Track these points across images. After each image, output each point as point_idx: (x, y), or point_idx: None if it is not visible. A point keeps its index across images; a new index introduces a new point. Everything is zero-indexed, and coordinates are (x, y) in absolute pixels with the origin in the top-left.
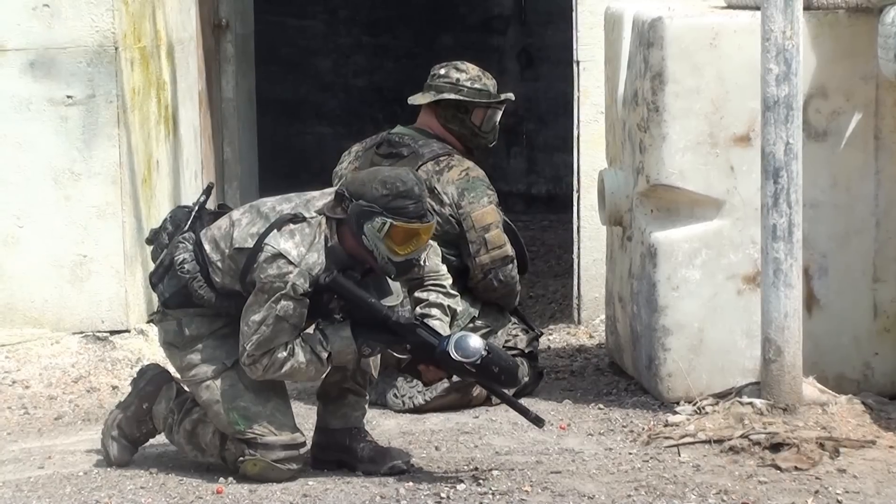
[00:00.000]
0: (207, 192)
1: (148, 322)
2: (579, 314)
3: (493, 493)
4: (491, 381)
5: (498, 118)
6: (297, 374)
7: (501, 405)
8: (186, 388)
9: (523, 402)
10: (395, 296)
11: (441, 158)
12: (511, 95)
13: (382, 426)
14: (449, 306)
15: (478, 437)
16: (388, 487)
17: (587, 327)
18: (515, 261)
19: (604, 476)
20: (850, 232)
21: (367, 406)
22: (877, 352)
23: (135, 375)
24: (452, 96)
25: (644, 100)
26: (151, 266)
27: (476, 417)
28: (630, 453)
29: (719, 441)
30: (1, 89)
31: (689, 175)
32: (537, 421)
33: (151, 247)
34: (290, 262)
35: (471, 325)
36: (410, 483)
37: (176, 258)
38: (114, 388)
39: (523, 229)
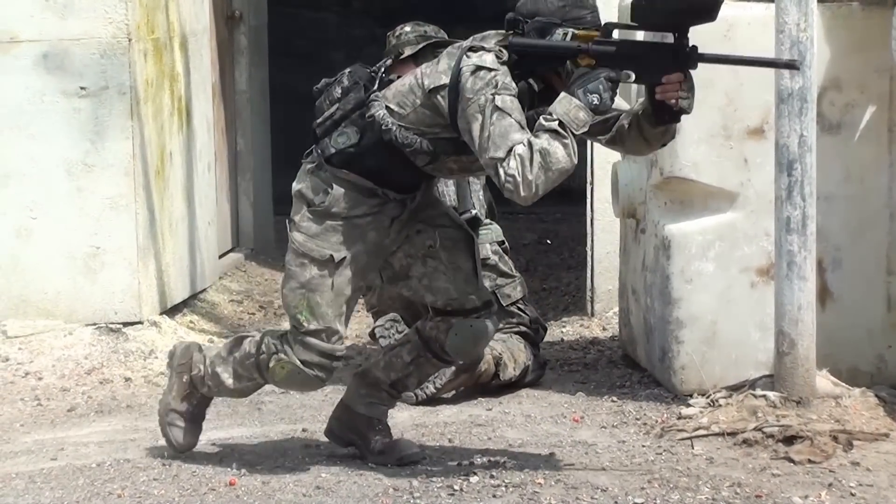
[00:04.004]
0: (394, 57)
1: (161, 314)
2: (593, 306)
3: (506, 486)
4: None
5: None
6: (554, 163)
7: (513, 397)
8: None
9: (532, 394)
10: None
11: None
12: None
13: (395, 418)
14: None
15: (491, 429)
16: (402, 480)
17: (600, 320)
18: None
19: (617, 468)
20: (863, 224)
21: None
22: (890, 344)
23: (167, 359)
24: (435, 41)
25: None
26: (164, 258)
27: (489, 410)
28: (643, 446)
29: (732, 434)
30: (14, 81)
31: (702, 167)
32: (790, 65)
33: (318, 98)
34: (492, 69)
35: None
36: (423, 475)
37: (375, 113)
38: (126, 379)
39: (537, 221)
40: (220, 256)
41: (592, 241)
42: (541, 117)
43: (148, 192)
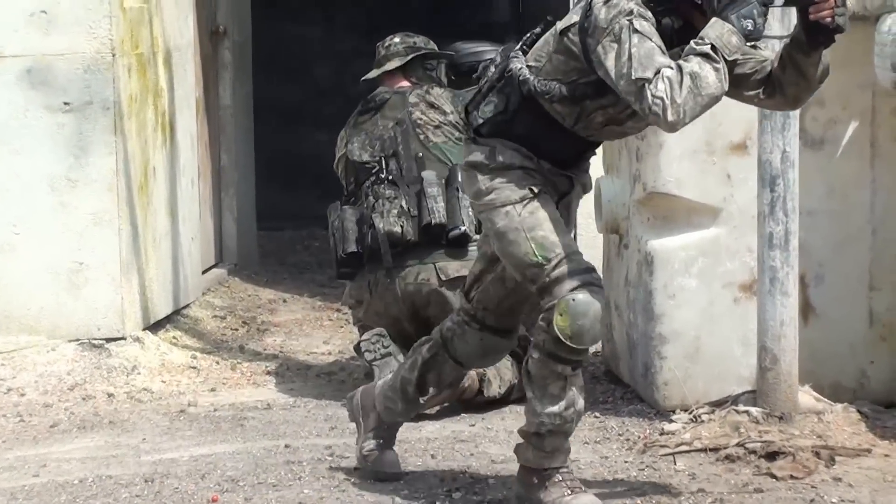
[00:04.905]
0: (545, 26)
1: (144, 330)
2: None
3: (488, 502)
4: None
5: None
6: (705, 87)
7: (496, 413)
8: (478, 216)
9: (515, 410)
10: None
11: (421, 85)
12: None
13: None
14: None
15: (473, 445)
16: (385, 496)
17: None
18: None
19: (600, 484)
20: (846, 240)
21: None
22: (872, 360)
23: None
24: (424, 52)
25: None
26: (148, 273)
27: (472, 426)
28: (626, 462)
29: (715, 449)
30: None
31: (685, 183)
32: None
33: (478, 83)
34: None
35: None
36: (406, 491)
37: (513, 66)
38: (109, 395)
39: None
40: (204, 272)
41: None
42: (691, 42)
43: (131, 207)
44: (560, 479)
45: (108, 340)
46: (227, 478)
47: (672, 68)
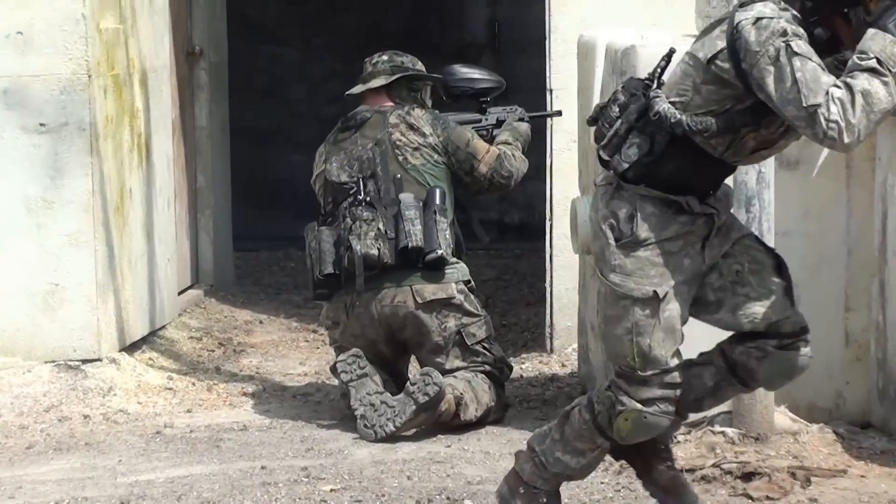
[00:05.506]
0: (668, 57)
1: (120, 351)
2: (552, 343)
3: None
4: None
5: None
6: (877, 103)
7: (472, 434)
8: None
9: (491, 431)
10: None
11: (402, 106)
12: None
13: (355, 455)
14: None
15: (450, 466)
16: None
17: (560, 356)
18: (508, 151)
19: None
20: (821, 261)
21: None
22: (848, 381)
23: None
24: (410, 73)
25: None
26: (124, 294)
27: (448, 447)
28: (602, 483)
29: (691, 470)
30: None
31: None
32: None
33: (594, 126)
34: (772, 17)
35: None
36: None
37: (659, 109)
38: (85, 416)
39: (496, 258)
40: (180, 293)
41: (551, 277)
42: (853, 56)
43: (107, 228)
44: (545, 500)
45: (84, 362)
46: (204, 499)
47: (840, 87)
